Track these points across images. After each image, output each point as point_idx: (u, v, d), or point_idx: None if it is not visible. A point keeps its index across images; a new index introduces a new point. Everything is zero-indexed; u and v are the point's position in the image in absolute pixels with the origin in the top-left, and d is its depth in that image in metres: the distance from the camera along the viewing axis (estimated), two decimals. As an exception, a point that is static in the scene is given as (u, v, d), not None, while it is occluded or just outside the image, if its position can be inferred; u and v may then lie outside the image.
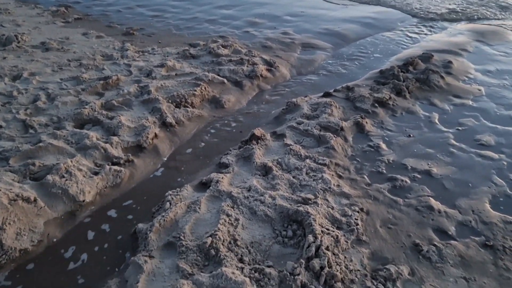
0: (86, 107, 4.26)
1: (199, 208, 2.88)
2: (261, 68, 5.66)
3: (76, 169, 3.28)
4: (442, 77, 5.37)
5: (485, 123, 4.38)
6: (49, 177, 3.12)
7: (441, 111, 4.65)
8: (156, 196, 3.24)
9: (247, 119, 4.61)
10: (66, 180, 3.14)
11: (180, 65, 5.73)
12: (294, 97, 4.87)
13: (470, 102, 4.88)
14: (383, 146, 3.87)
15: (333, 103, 4.51)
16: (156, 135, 3.99)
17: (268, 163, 3.43)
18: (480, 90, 5.24)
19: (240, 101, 5.06)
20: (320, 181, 3.21)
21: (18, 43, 6.44)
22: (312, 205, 2.89)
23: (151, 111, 4.39)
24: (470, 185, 3.34)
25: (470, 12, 9.28)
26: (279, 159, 3.51)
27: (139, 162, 3.67)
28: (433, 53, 6.23)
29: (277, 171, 3.34)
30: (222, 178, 3.22)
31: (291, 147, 3.67)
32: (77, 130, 3.88)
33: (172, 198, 3.02)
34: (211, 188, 3.11)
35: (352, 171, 3.48)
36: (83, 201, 3.09)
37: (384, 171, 3.49)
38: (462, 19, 8.96)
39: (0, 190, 2.84)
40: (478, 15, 9.08)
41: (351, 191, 3.17)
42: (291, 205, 2.88)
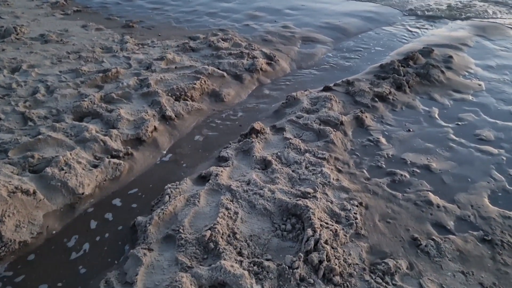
0: (85, 99, 4.25)
1: (198, 201, 2.88)
2: (261, 62, 5.64)
3: (75, 161, 3.28)
4: (442, 71, 5.36)
5: (485, 118, 4.37)
6: (48, 169, 3.12)
7: (441, 106, 4.64)
8: (156, 189, 3.25)
9: (247, 112, 4.60)
10: (66, 172, 3.14)
11: (180, 58, 5.71)
12: (294, 91, 4.85)
13: (470, 97, 4.87)
14: (383, 140, 3.86)
15: (333, 97, 4.50)
16: (155, 128, 3.99)
17: (267, 157, 3.43)
18: (480, 85, 5.23)
19: (240, 94, 5.05)
20: (319, 175, 3.21)
21: (17, 35, 6.41)
22: (311, 199, 2.89)
23: (150, 104, 4.37)
24: (469, 180, 3.34)
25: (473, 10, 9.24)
26: (279, 153, 3.51)
27: (138, 155, 3.67)
28: (433, 48, 6.21)
29: (276, 165, 3.33)
30: (222, 172, 3.22)
31: (290, 141, 3.67)
32: (76, 123, 3.87)
33: (172, 191, 3.02)
34: (210, 181, 3.12)
35: (351, 165, 3.48)
36: (82, 193, 3.10)
37: (384, 165, 3.49)
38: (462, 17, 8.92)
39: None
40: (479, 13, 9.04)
41: (350, 185, 3.17)
42: (290, 199, 2.88)
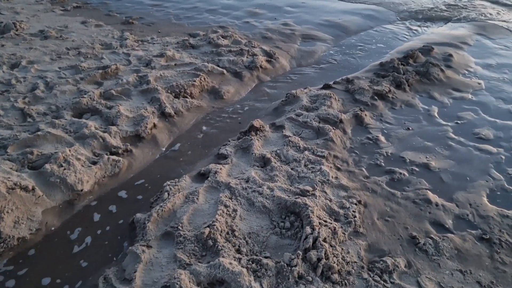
0: (84, 96, 4.24)
1: (197, 198, 2.88)
2: (261, 59, 5.63)
3: (74, 158, 3.28)
4: (442, 70, 5.36)
5: (484, 117, 4.37)
6: (47, 166, 3.11)
7: (440, 104, 4.64)
8: (155, 186, 3.25)
9: (246, 110, 4.60)
10: (65, 169, 3.13)
11: (180, 55, 5.70)
12: (293, 88, 4.85)
13: (470, 96, 4.87)
14: (382, 138, 3.86)
15: (332, 95, 4.50)
16: (154, 125, 3.99)
17: (266, 154, 3.43)
18: (480, 83, 5.22)
19: (240, 92, 5.05)
20: (318, 173, 3.21)
21: (17, 30, 6.39)
22: (310, 197, 2.89)
23: (150, 101, 4.37)
24: (468, 178, 3.35)
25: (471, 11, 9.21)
26: (278, 151, 3.51)
27: (137, 152, 3.66)
28: (433, 46, 6.21)
29: (275, 163, 3.33)
30: (221, 169, 3.22)
31: (290, 138, 3.67)
32: (76, 119, 3.87)
33: (171, 188, 3.02)
34: (209, 178, 3.12)
35: (350, 163, 3.49)
36: (81, 190, 3.10)
37: (383, 163, 3.49)
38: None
39: (-2, 179, 2.84)
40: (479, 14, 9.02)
41: (349, 183, 3.18)
42: (289, 196, 2.89)
